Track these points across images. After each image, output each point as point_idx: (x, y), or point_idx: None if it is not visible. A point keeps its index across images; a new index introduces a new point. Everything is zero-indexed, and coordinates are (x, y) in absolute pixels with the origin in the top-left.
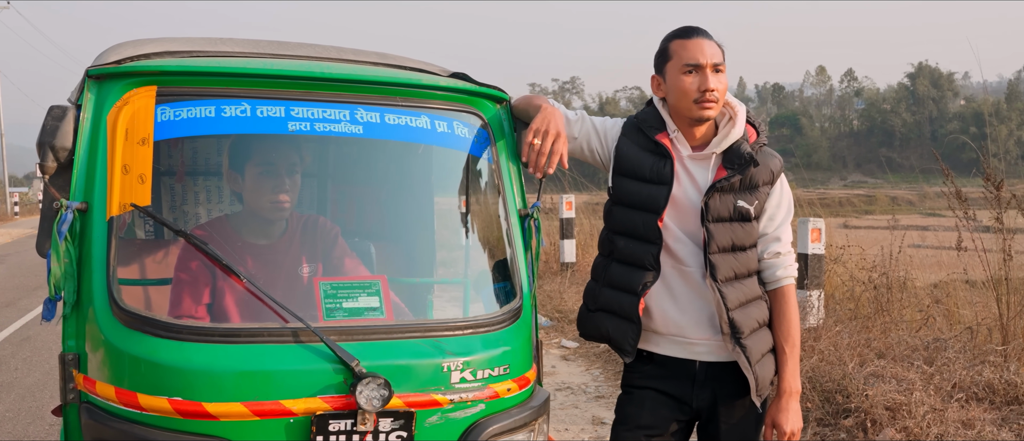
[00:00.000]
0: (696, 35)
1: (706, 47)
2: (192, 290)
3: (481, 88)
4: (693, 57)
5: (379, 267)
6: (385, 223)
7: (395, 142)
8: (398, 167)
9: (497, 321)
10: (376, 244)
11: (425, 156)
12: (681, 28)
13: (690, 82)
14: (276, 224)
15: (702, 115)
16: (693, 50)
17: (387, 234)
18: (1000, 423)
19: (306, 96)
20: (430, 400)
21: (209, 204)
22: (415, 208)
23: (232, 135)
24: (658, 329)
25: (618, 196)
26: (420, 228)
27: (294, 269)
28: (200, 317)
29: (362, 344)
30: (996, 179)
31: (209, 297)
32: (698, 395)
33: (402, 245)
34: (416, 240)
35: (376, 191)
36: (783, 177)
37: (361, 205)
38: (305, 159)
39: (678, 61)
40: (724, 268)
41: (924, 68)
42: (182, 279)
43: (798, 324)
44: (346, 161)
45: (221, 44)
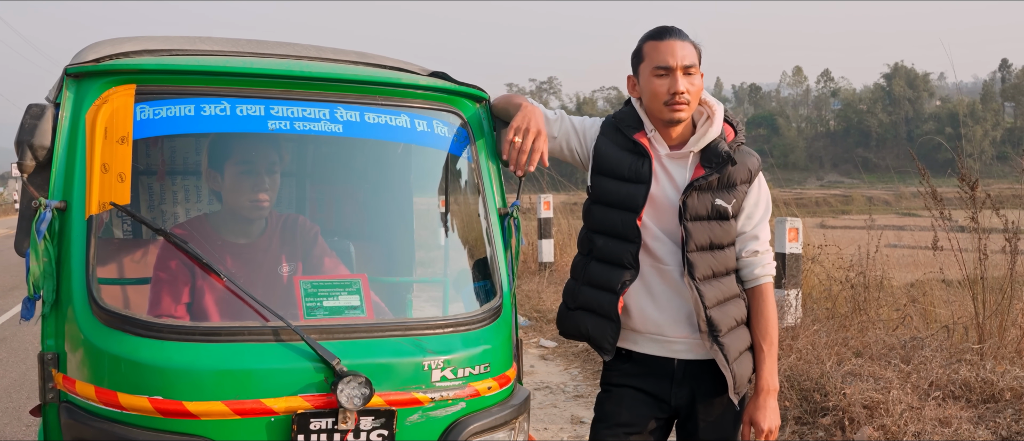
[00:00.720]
0: (669, 37)
1: (677, 49)
2: (171, 289)
3: (461, 87)
4: (663, 59)
5: (359, 266)
6: (365, 222)
7: (375, 141)
8: (378, 166)
9: (477, 320)
10: (356, 243)
11: (405, 155)
12: (655, 29)
13: (660, 84)
14: (256, 223)
15: (672, 118)
16: (664, 52)
17: (367, 233)
18: (977, 421)
19: (286, 95)
20: (411, 398)
21: (186, 203)
22: (395, 207)
23: (211, 134)
24: (637, 327)
25: (597, 195)
26: (400, 227)
27: (274, 268)
28: (179, 316)
29: (343, 343)
30: (971, 179)
31: (188, 296)
32: (677, 393)
33: (382, 244)
34: (396, 239)
35: (356, 190)
36: (761, 176)
37: (341, 204)
38: (284, 158)
39: (650, 63)
40: (702, 266)
41: (900, 69)
42: (161, 278)
43: (776, 322)
44: (326, 160)
45: (200, 43)
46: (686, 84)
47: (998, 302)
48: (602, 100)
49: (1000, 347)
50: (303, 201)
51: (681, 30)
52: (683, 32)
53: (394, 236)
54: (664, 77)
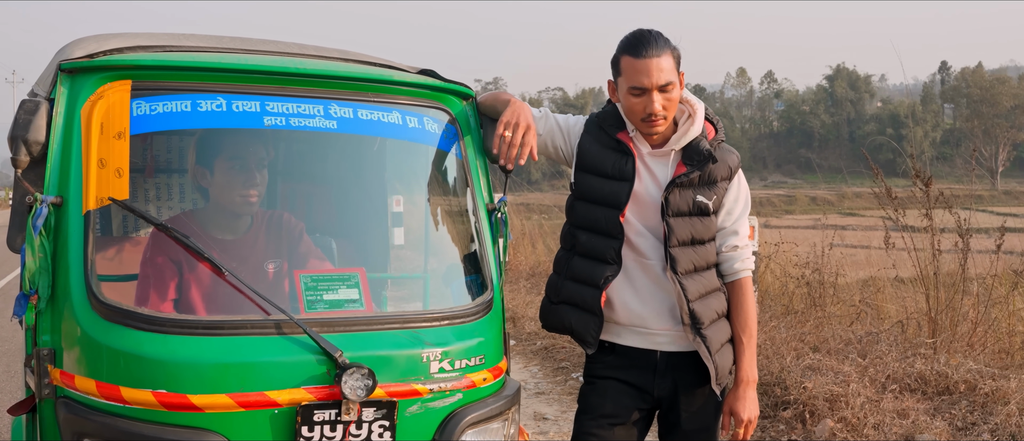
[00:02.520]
0: (645, 53)
1: (653, 69)
2: (158, 285)
3: (449, 84)
4: (639, 81)
5: (351, 262)
6: (354, 218)
7: (362, 136)
8: (369, 163)
9: (472, 313)
10: (344, 240)
11: (394, 151)
12: (633, 39)
13: (636, 103)
14: (242, 220)
15: (648, 132)
16: (640, 72)
17: (356, 228)
18: (933, 412)
19: (281, 91)
20: (411, 390)
21: (159, 202)
22: (385, 203)
23: (200, 130)
24: (620, 320)
25: (580, 191)
26: (390, 222)
27: (260, 265)
28: (165, 312)
29: (344, 335)
30: (925, 177)
31: (175, 292)
32: (659, 384)
33: (372, 239)
34: (385, 235)
35: (346, 187)
36: (740, 173)
37: (329, 200)
38: (271, 154)
39: (626, 80)
40: (684, 261)
41: (842, 70)
42: (148, 274)
43: (755, 315)
44: (313, 157)
45: (187, 39)
46: (662, 102)
47: (949, 297)
48: (548, 101)
49: (953, 341)
50: (291, 198)
51: (658, 39)
52: (660, 41)
53: (384, 232)
54: (640, 96)
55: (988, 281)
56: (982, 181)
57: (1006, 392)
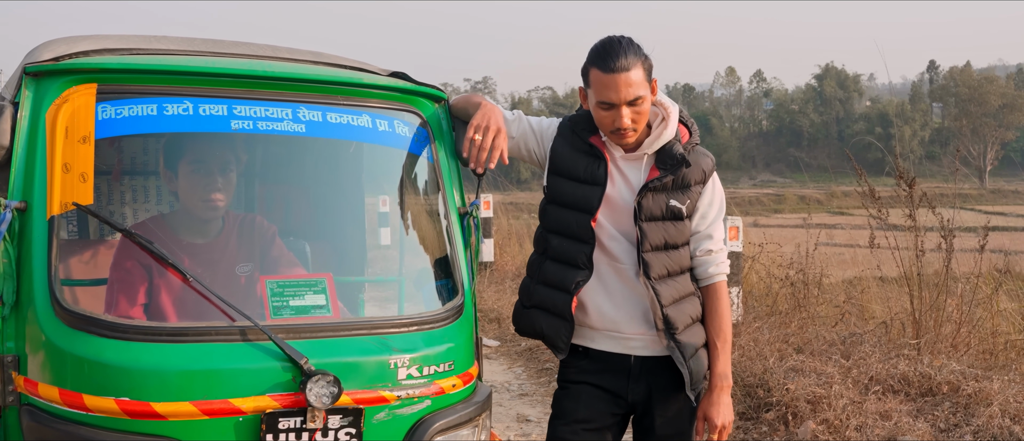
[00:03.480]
0: (613, 68)
1: (622, 85)
2: (127, 290)
3: (420, 87)
4: (607, 96)
5: (320, 266)
6: (325, 222)
7: (334, 140)
8: (340, 166)
9: (441, 318)
10: (317, 242)
11: (366, 155)
12: (602, 50)
13: (605, 117)
14: (212, 223)
15: (618, 143)
16: (608, 88)
17: (327, 233)
18: (916, 414)
19: (248, 95)
20: (378, 397)
21: (135, 204)
22: (357, 206)
23: (167, 134)
24: (594, 325)
25: (552, 195)
26: (361, 226)
27: (231, 268)
28: (135, 317)
29: (310, 342)
30: (909, 177)
31: (145, 297)
32: (633, 389)
33: (343, 243)
34: (357, 238)
35: (317, 189)
36: (715, 176)
37: (302, 204)
38: (241, 158)
39: (595, 93)
40: (657, 266)
41: (831, 70)
42: (117, 279)
43: (730, 319)
44: (285, 160)
45: (156, 42)
46: (631, 116)
47: (933, 298)
48: (537, 100)
49: (936, 342)
50: (265, 201)
51: (627, 50)
52: (630, 52)
53: (355, 236)
54: (609, 111)
55: (972, 281)
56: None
57: (989, 393)
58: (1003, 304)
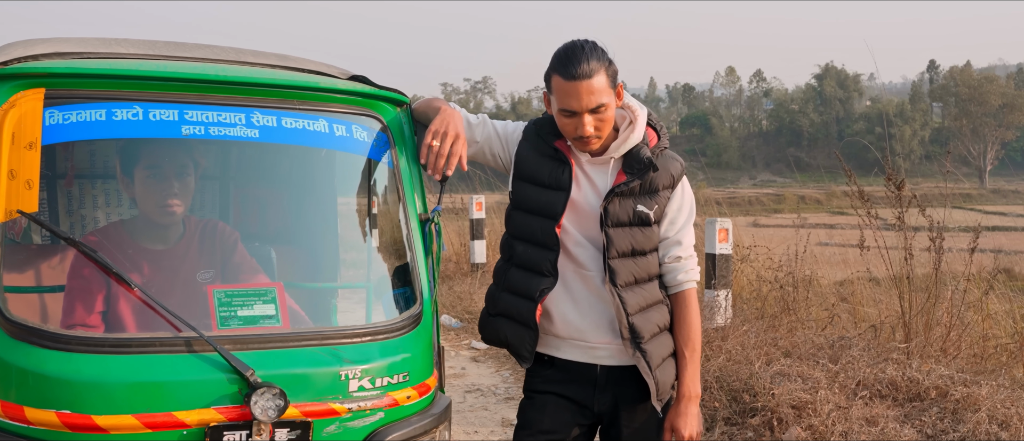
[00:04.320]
0: (575, 76)
1: (583, 93)
2: (85, 298)
3: (380, 91)
4: (568, 104)
5: (279, 272)
6: (284, 228)
7: (294, 146)
8: (298, 171)
9: (396, 327)
10: (277, 248)
11: (325, 160)
12: (563, 57)
13: (567, 124)
14: (172, 229)
15: (581, 150)
16: (570, 96)
17: (286, 239)
18: (903, 420)
19: (201, 99)
20: (328, 409)
21: (107, 208)
22: (314, 213)
23: (116, 139)
24: (559, 333)
25: (517, 201)
26: (319, 233)
27: (191, 275)
28: (94, 325)
29: (258, 353)
30: (897, 179)
31: (103, 305)
32: (599, 399)
33: (301, 250)
34: (315, 245)
35: (275, 195)
36: (685, 181)
37: (260, 209)
38: (200, 162)
39: (557, 101)
40: (624, 273)
41: (830, 69)
42: (74, 287)
43: (699, 328)
44: (245, 164)
45: (116, 45)
46: (594, 123)
47: (923, 301)
48: (537, 99)
49: (926, 345)
50: (223, 206)
51: (590, 56)
52: (593, 58)
53: (313, 242)
54: (570, 118)
55: (963, 283)
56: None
57: (977, 399)
58: (994, 306)
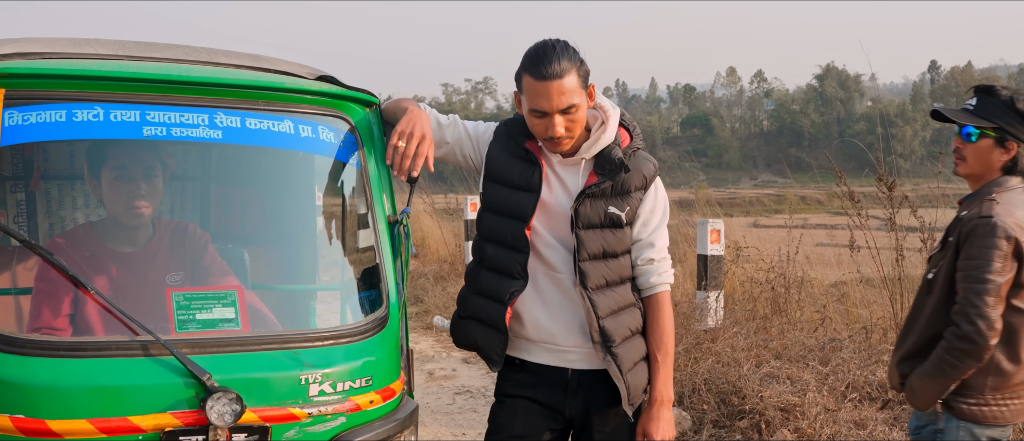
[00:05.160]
0: (546, 74)
1: (553, 93)
2: (51, 301)
3: (348, 91)
4: (538, 105)
5: (265, 273)
6: (252, 230)
7: (261, 147)
8: (266, 172)
9: (359, 331)
10: (248, 250)
11: (293, 161)
12: (534, 57)
13: (538, 124)
14: (141, 231)
15: (552, 150)
16: (540, 96)
17: (254, 241)
18: (892, 422)
19: (163, 100)
20: (287, 414)
21: (87, 209)
22: (280, 214)
23: (87, 140)
24: (530, 336)
25: (487, 202)
26: (286, 235)
27: (160, 277)
28: (60, 328)
29: (216, 357)
30: (888, 180)
31: (70, 308)
32: (571, 403)
33: (269, 252)
34: (282, 247)
35: (242, 197)
36: (658, 182)
37: (228, 211)
38: (168, 163)
39: (528, 102)
40: (594, 276)
41: (831, 70)
42: (42, 289)
43: (672, 332)
44: (213, 166)
45: (85, 45)
46: (565, 124)
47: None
48: None
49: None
50: (193, 208)
51: (561, 56)
52: (564, 58)
53: (280, 244)
54: (541, 118)
55: None
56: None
57: None
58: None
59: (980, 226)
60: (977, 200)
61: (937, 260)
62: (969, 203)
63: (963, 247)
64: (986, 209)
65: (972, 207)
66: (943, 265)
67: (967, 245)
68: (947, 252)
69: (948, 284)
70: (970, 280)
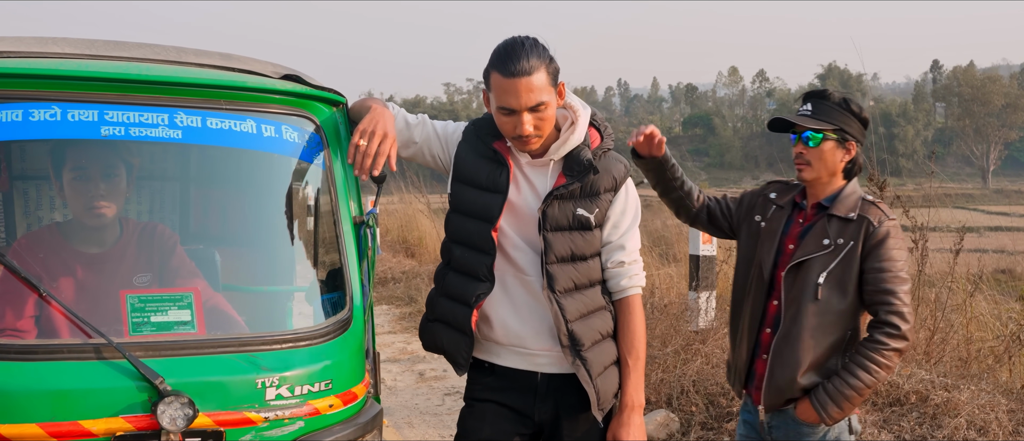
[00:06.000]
0: (515, 71)
1: (522, 90)
2: (15, 303)
3: (314, 90)
4: (507, 102)
5: (237, 275)
6: (216, 231)
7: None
8: (231, 173)
9: (319, 334)
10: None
11: (258, 162)
12: (503, 54)
13: (506, 122)
14: (106, 232)
15: (521, 149)
16: (509, 94)
17: (218, 242)
18: (881, 425)
19: (122, 99)
20: (242, 418)
21: (65, 209)
22: (246, 216)
23: (50, 140)
24: (499, 339)
25: (455, 203)
26: (250, 236)
27: (127, 279)
28: (25, 330)
29: (170, 360)
30: (879, 180)
31: (35, 310)
32: (540, 408)
33: (232, 254)
34: (244, 249)
35: (206, 197)
36: (629, 183)
37: (192, 212)
38: (132, 163)
39: (496, 99)
40: (563, 279)
41: (833, 69)
42: (5, 291)
43: (643, 336)
44: (177, 166)
45: (52, 44)
46: (534, 122)
47: (912, 302)
48: None
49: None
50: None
51: (531, 53)
52: (533, 55)
53: (245, 245)
54: (509, 116)
55: (948, 284)
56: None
57: (957, 404)
58: (980, 308)
59: (892, 228)
60: (849, 204)
61: (824, 263)
62: (837, 205)
63: (876, 249)
64: (885, 212)
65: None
66: (835, 269)
67: (883, 247)
68: (834, 256)
69: (840, 288)
70: (897, 280)
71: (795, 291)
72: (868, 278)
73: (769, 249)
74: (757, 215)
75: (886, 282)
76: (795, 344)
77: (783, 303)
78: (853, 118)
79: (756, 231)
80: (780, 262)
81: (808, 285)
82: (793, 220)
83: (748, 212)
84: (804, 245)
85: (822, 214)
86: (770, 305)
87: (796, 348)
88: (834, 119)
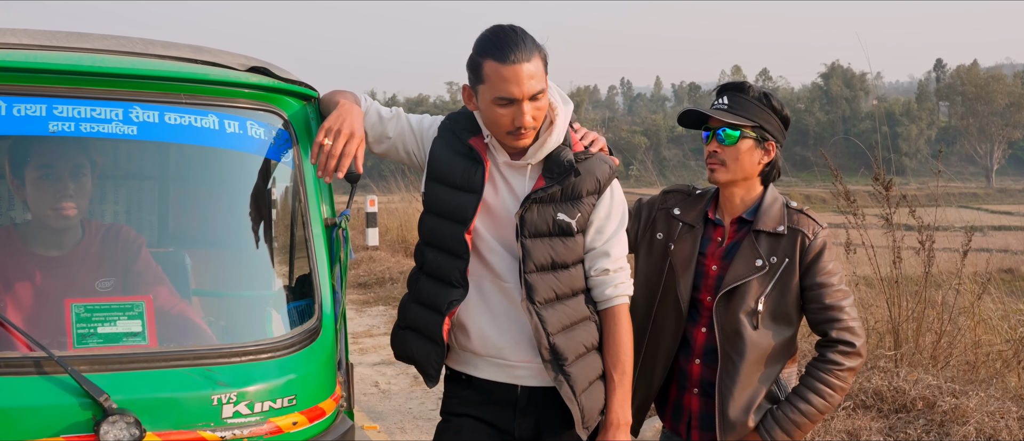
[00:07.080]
0: (514, 59)
1: (524, 77)
2: None
3: (282, 84)
4: (507, 91)
5: (209, 279)
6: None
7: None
8: (192, 171)
9: (283, 345)
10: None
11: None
12: (498, 41)
13: (504, 115)
14: (68, 233)
15: (516, 146)
16: (509, 82)
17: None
18: (887, 432)
19: (74, 92)
20: (196, 438)
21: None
22: (208, 217)
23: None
24: (476, 350)
25: (428, 203)
26: (212, 239)
27: (89, 284)
28: None
29: (118, 375)
30: (885, 179)
31: None
32: (520, 424)
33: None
34: (207, 252)
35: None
36: (614, 186)
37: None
38: (97, 161)
39: (491, 89)
40: (543, 289)
41: (836, 68)
42: None
43: (630, 348)
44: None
45: (11, 35)
46: (533, 112)
47: (913, 306)
48: None
49: (915, 353)
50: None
51: (526, 39)
52: (528, 42)
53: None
54: (507, 107)
55: (955, 286)
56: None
57: (965, 411)
58: (988, 310)
59: (826, 238)
60: (775, 216)
61: (760, 287)
62: (761, 219)
63: (813, 264)
64: (816, 220)
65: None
66: (772, 292)
67: (821, 261)
68: (770, 277)
69: (781, 312)
70: (840, 294)
71: (730, 321)
72: (809, 295)
73: (685, 273)
74: (660, 232)
75: (829, 297)
76: (745, 381)
77: (718, 334)
78: (773, 115)
79: (662, 252)
80: (702, 286)
81: (745, 313)
82: (710, 238)
83: (647, 227)
84: (734, 268)
85: (746, 229)
86: (697, 333)
87: (746, 385)
88: (753, 115)
